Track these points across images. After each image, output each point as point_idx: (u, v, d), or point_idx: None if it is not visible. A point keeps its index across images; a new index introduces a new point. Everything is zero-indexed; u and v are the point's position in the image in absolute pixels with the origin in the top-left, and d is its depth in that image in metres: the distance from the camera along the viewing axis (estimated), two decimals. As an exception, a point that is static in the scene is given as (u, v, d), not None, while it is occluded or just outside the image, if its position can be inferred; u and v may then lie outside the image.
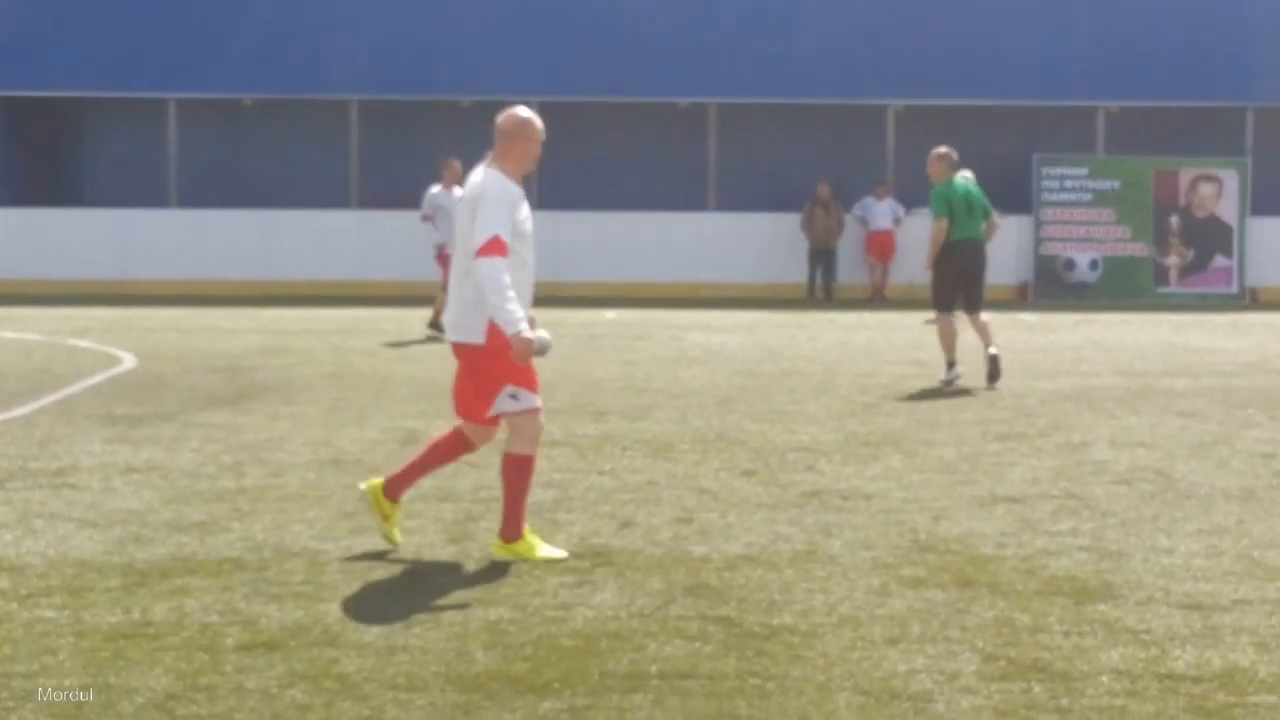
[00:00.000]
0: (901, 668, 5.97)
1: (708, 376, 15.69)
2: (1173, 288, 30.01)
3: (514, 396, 7.61)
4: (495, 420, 7.80)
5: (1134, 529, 8.43)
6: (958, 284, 15.46)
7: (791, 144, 32.19)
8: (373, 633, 6.37)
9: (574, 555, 7.76)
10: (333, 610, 6.71)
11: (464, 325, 7.61)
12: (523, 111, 7.83)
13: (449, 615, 6.66)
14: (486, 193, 7.53)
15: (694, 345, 19.32)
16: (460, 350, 7.69)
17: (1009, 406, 13.52)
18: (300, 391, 14.18)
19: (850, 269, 30.57)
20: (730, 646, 6.22)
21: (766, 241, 30.38)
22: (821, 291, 30.02)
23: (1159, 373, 16.45)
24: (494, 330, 7.47)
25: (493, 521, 8.41)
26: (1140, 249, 30.16)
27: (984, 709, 5.52)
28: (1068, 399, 13.91)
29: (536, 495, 9.22)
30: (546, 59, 30.64)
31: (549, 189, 30.60)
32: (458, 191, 19.38)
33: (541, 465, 10.20)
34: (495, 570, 7.44)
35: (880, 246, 29.61)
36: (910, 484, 9.79)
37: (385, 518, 7.93)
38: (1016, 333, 21.49)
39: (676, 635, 6.36)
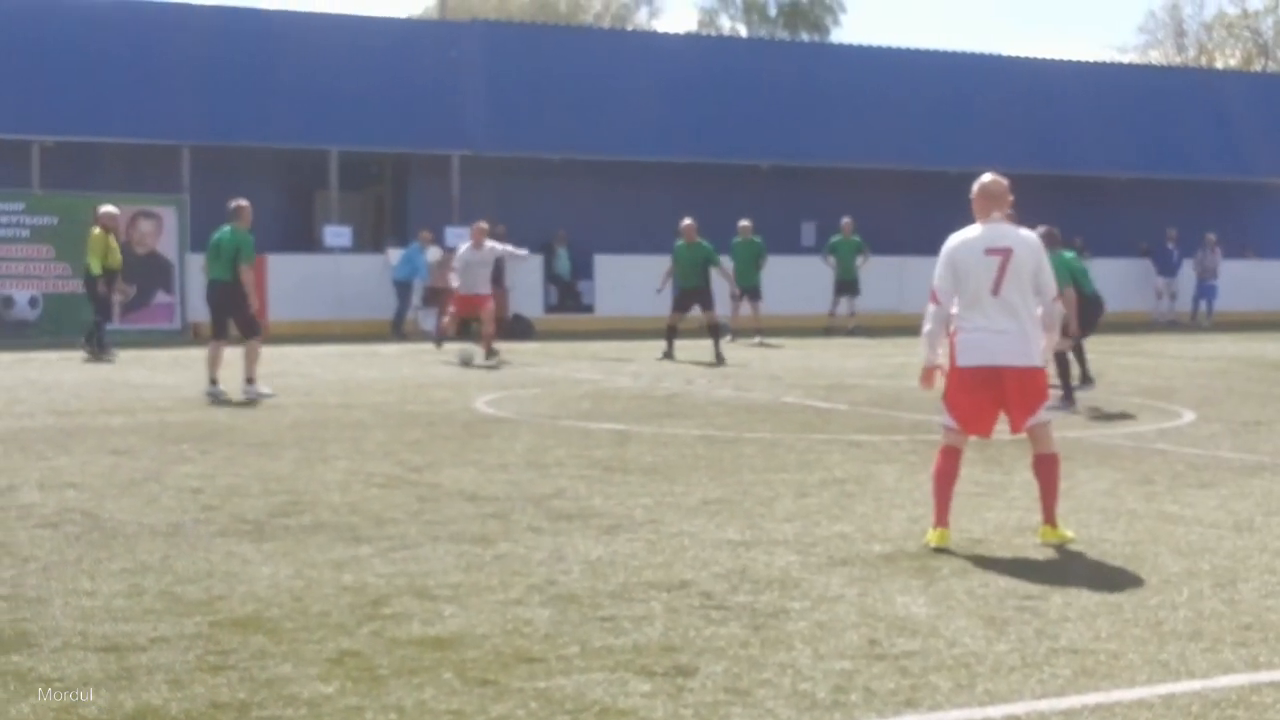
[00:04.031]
0: None
1: None
2: (116, 324, 29.89)
3: (1049, 407, 9.43)
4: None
5: (56, 573, 8.21)
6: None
7: None
8: None
9: None
10: None
11: (1028, 351, 9.14)
12: (998, 177, 9.43)
13: None
14: (1042, 250, 9.35)
15: None
16: (1014, 374, 9.13)
17: (-67, 452, 12.90)
18: None
19: None
20: None
21: None
22: None
23: (95, 410, 16.29)
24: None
25: None
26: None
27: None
28: (-2, 441, 13.48)
29: None
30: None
31: None
32: None
33: None
34: None
35: None
36: None
37: (1061, 536, 9.28)
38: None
39: None
